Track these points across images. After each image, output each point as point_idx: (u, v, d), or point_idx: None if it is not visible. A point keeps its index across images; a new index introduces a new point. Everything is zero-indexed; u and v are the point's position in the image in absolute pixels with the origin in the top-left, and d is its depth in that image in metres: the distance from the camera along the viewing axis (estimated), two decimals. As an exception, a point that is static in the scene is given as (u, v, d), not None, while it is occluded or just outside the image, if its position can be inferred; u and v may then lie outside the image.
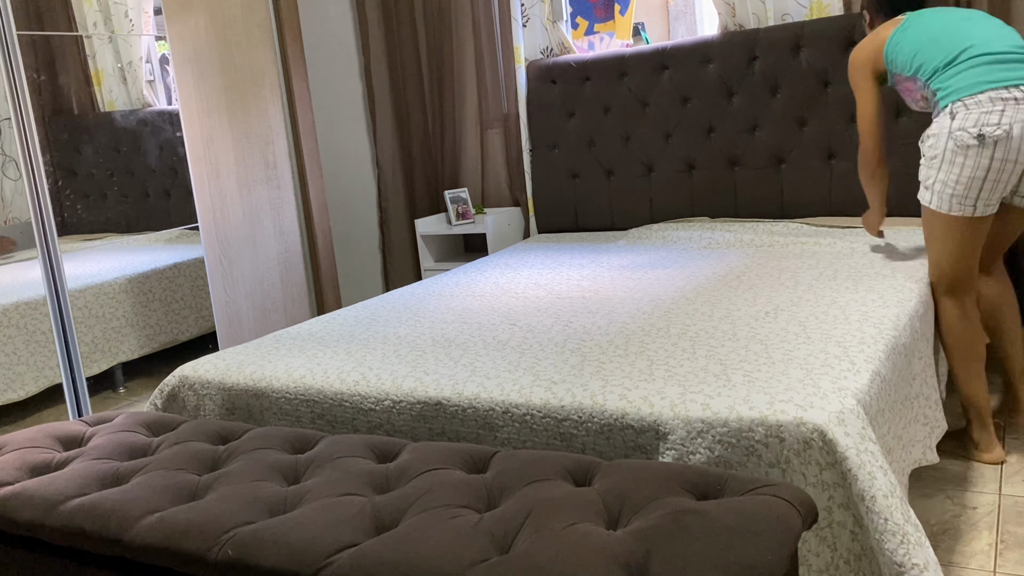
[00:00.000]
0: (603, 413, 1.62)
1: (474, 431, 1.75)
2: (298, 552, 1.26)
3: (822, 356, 1.75)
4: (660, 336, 2.00)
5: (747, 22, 3.38)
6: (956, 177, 2.27)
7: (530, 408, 1.69)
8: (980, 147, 2.22)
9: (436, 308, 2.55)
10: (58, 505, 1.51)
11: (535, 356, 1.94)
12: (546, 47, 3.85)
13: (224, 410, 2.10)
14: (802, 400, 1.52)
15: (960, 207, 2.30)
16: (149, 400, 2.24)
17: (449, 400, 1.78)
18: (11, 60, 2.79)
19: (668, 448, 1.55)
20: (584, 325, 2.17)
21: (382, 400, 1.86)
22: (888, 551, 1.40)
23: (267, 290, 3.57)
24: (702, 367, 1.75)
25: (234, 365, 2.15)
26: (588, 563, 1.11)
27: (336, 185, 4.48)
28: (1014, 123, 2.19)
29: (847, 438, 1.44)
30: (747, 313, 2.14)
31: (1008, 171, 2.23)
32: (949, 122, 2.28)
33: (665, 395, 1.62)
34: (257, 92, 3.52)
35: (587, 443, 1.63)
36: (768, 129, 3.32)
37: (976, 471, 2.41)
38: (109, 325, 3.19)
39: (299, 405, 1.98)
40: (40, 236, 2.87)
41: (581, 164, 3.73)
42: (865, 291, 2.24)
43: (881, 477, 1.43)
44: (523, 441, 1.70)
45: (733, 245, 3.08)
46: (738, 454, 1.49)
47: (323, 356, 2.13)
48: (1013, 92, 2.22)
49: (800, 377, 1.63)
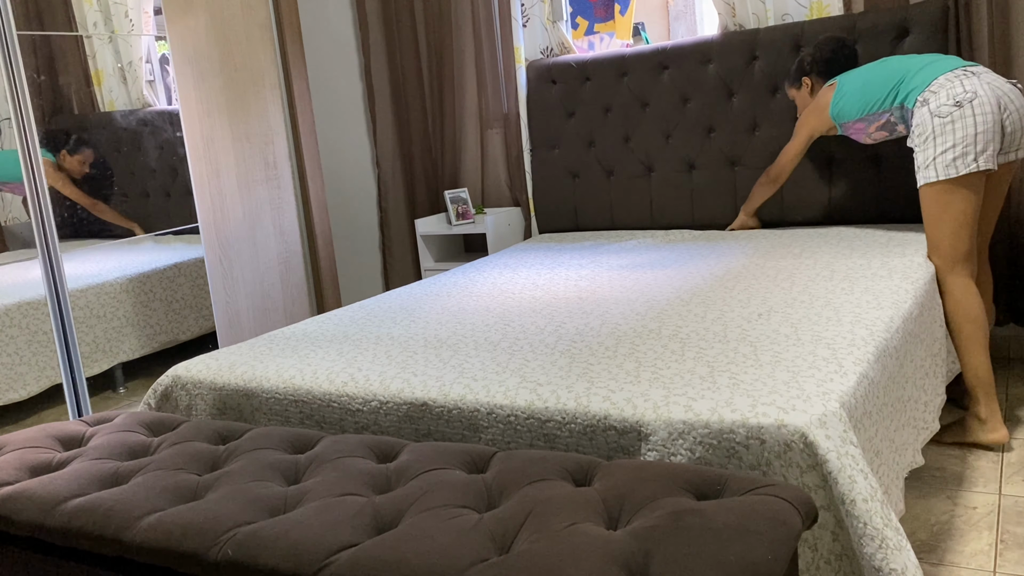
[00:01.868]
0: (586, 415, 1.62)
1: (459, 432, 1.76)
2: (298, 552, 1.26)
3: (810, 358, 1.74)
4: (651, 337, 2.00)
5: (747, 22, 3.38)
6: (951, 141, 2.47)
7: (514, 409, 1.69)
8: (960, 110, 2.46)
9: (432, 308, 2.55)
10: (58, 505, 1.51)
11: (524, 357, 1.94)
12: (546, 47, 3.85)
13: (215, 410, 2.11)
14: (784, 403, 1.52)
15: (965, 165, 2.46)
16: (143, 400, 2.25)
17: (435, 401, 1.79)
18: (11, 60, 2.79)
19: (650, 449, 1.56)
20: (577, 326, 2.17)
21: (369, 401, 1.87)
22: (867, 555, 1.40)
23: (267, 290, 3.57)
24: (689, 369, 1.75)
25: (226, 365, 2.16)
26: (588, 563, 1.11)
27: (336, 185, 4.48)
28: (978, 88, 2.48)
29: (828, 441, 1.44)
30: (740, 314, 2.13)
31: (991, 123, 2.45)
32: (925, 109, 2.53)
33: (649, 397, 1.62)
34: (257, 92, 3.52)
35: (570, 444, 1.64)
36: (768, 129, 3.32)
37: (976, 471, 2.41)
38: (110, 325, 3.19)
39: (288, 405, 1.98)
40: (40, 236, 2.87)
41: (581, 164, 3.73)
42: (861, 292, 2.24)
43: (862, 481, 1.43)
44: (507, 442, 1.71)
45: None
46: (719, 456, 1.49)
47: (314, 357, 2.14)
48: (964, 72, 2.53)
49: (786, 380, 1.63)
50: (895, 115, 2.66)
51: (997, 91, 2.47)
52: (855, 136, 2.82)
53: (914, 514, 2.22)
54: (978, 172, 2.46)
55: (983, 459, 2.48)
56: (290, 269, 3.68)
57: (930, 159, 2.51)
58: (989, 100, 2.45)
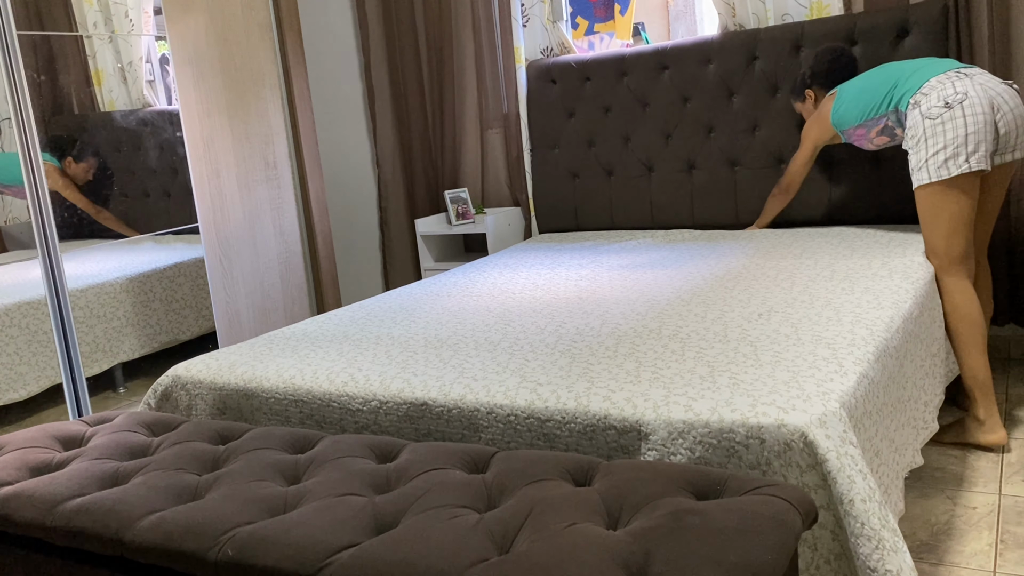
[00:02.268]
0: (586, 414, 1.62)
1: (459, 431, 1.76)
2: (298, 552, 1.26)
3: (810, 358, 1.74)
4: (651, 337, 2.00)
5: (747, 22, 3.38)
6: (942, 143, 2.47)
7: (514, 409, 1.70)
8: (950, 111, 2.47)
9: (432, 308, 2.55)
10: (58, 505, 1.51)
11: (524, 357, 1.94)
12: (546, 47, 3.85)
13: (215, 410, 2.11)
14: (784, 403, 1.52)
15: (956, 166, 2.46)
16: (143, 399, 2.25)
17: (435, 401, 1.79)
18: (11, 60, 2.79)
19: (649, 448, 1.56)
20: (577, 326, 2.17)
21: (369, 400, 1.87)
22: (863, 555, 1.40)
23: (267, 290, 3.57)
24: (689, 369, 1.75)
25: (226, 365, 2.16)
26: (588, 563, 1.11)
27: (336, 185, 4.48)
28: (968, 89, 2.48)
29: (828, 440, 1.44)
30: (740, 314, 2.13)
31: (982, 123, 2.45)
32: (917, 111, 2.54)
33: (649, 397, 1.62)
34: (257, 92, 3.52)
35: (570, 443, 1.64)
36: (768, 129, 3.32)
37: (976, 471, 2.41)
38: (110, 325, 3.19)
39: (288, 405, 1.98)
40: (40, 236, 2.87)
41: (581, 164, 3.73)
42: (861, 292, 2.24)
43: (860, 481, 1.43)
44: (507, 442, 1.71)
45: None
46: (719, 455, 1.50)
47: (314, 357, 2.14)
48: (957, 73, 2.54)
49: (786, 379, 1.63)
50: (891, 119, 2.67)
51: (990, 92, 2.47)
52: (858, 143, 2.83)
53: (914, 514, 2.22)
54: (970, 173, 2.46)
55: (983, 459, 2.48)
56: (290, 269, 3.68)
57: (922, 161, 2.52)
58: (980, 101, 2.45)
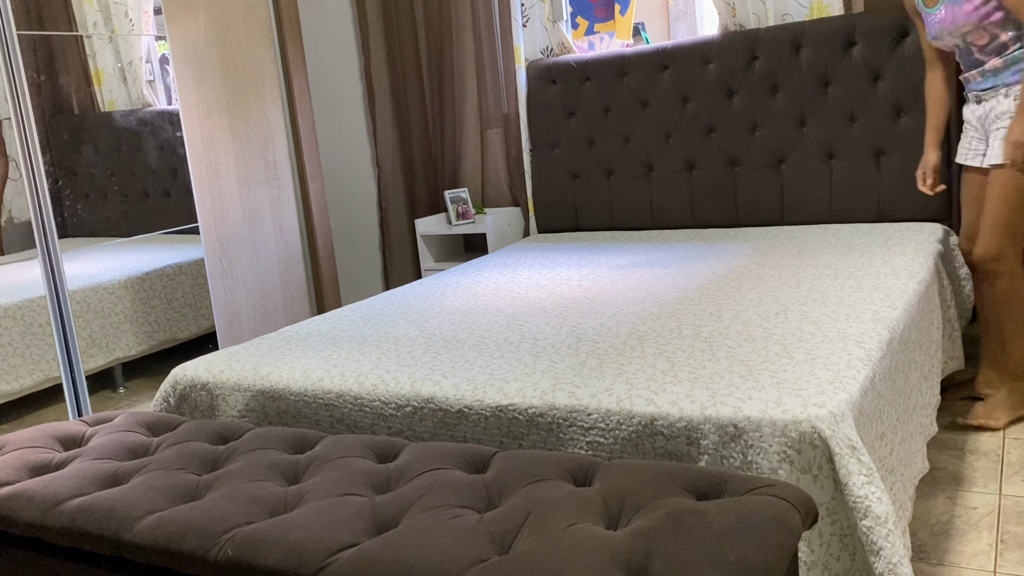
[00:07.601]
0: (631, 419, 1.61)
1: (497, 439, 1.74)
2: (298, 552, 1.26)
3: (845, 357, 1.74)
4: (674, 337, 1.99)
5: (747, 22, 3.38)
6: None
7: (555, 417, 1.68)
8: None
9: (441, 309, 2.54)
10: (58, 505, 1.51)
11: (550, 359, 1.93)
12: (546, 47, 3.85)
13: (237, 412, 2.09)
14: (835, 406, 1.51)
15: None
16: (153, 400, 2.23)
17: (471, 408, 1.77)
18: (11, 60, 2.79)
19: (701, 453, 1.54)
20: (593, 327, 2.16)
21: (403, 406, 1.86)
22: None
23: (267, 290, 3.57)
24: (725, 368, 1.74)
25: (249, 366, 2.14)
26: (588, 563, 1.11)
27: (336, 185, 4.48)
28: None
29: (849, 440, 1.46)
30: (756, 313, 2.13)
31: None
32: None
33: (695, 398, 1.60)
34: (257, 92, 3.52)
35: (614, 451, 1.63)
36: (768, 129, 3.32)
37: (976, 471, 2.41)
38: (108, 321, 3.19)
39: (318, 409, 1.97)
40: (40, 236, 2.87)
41: (581, 164, 3.73)
42: (870, 290, 2.25)
43: (878, 482, 1.45)
44: (550, 449, 1.69)
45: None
46: (772, 461, 1.48)
47: (338, 358, 2.11)
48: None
49: (830, 379, 1.63)
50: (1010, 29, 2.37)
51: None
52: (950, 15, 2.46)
53: (914, 514, 2.22)
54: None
55: (983, 459, 2.48)
56: (290, 269, 3.68)
57: None
58: None
